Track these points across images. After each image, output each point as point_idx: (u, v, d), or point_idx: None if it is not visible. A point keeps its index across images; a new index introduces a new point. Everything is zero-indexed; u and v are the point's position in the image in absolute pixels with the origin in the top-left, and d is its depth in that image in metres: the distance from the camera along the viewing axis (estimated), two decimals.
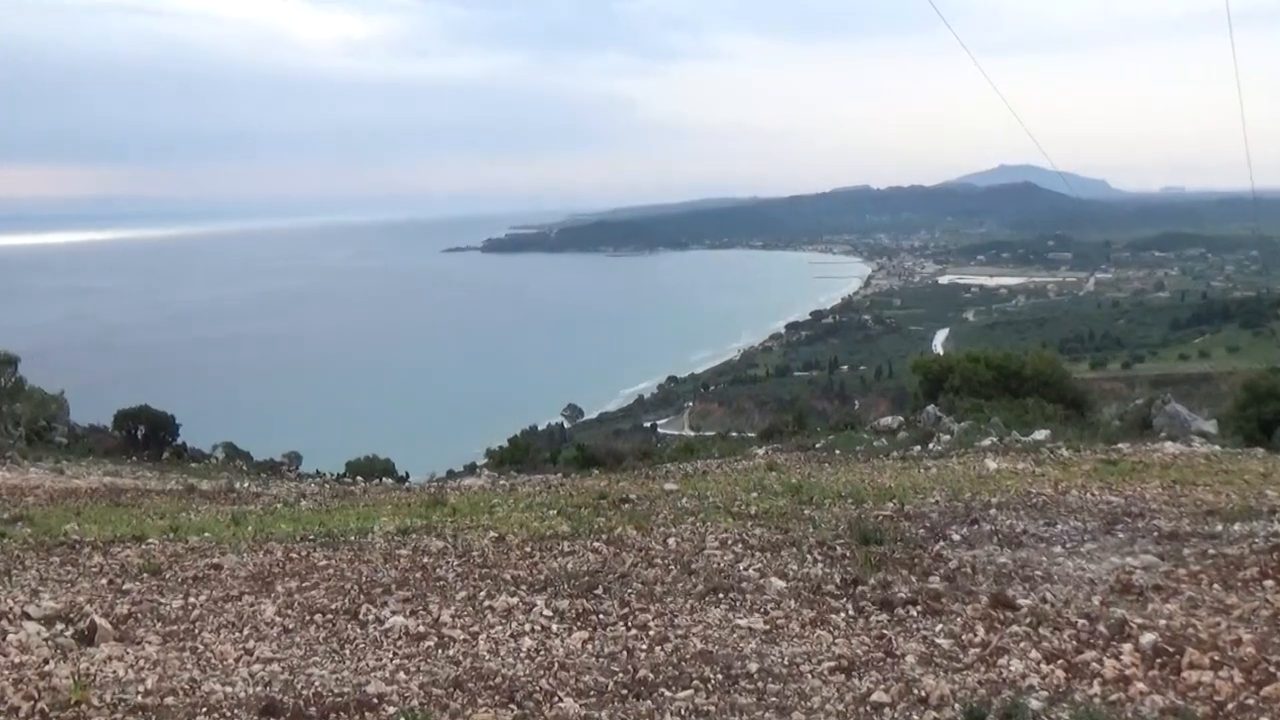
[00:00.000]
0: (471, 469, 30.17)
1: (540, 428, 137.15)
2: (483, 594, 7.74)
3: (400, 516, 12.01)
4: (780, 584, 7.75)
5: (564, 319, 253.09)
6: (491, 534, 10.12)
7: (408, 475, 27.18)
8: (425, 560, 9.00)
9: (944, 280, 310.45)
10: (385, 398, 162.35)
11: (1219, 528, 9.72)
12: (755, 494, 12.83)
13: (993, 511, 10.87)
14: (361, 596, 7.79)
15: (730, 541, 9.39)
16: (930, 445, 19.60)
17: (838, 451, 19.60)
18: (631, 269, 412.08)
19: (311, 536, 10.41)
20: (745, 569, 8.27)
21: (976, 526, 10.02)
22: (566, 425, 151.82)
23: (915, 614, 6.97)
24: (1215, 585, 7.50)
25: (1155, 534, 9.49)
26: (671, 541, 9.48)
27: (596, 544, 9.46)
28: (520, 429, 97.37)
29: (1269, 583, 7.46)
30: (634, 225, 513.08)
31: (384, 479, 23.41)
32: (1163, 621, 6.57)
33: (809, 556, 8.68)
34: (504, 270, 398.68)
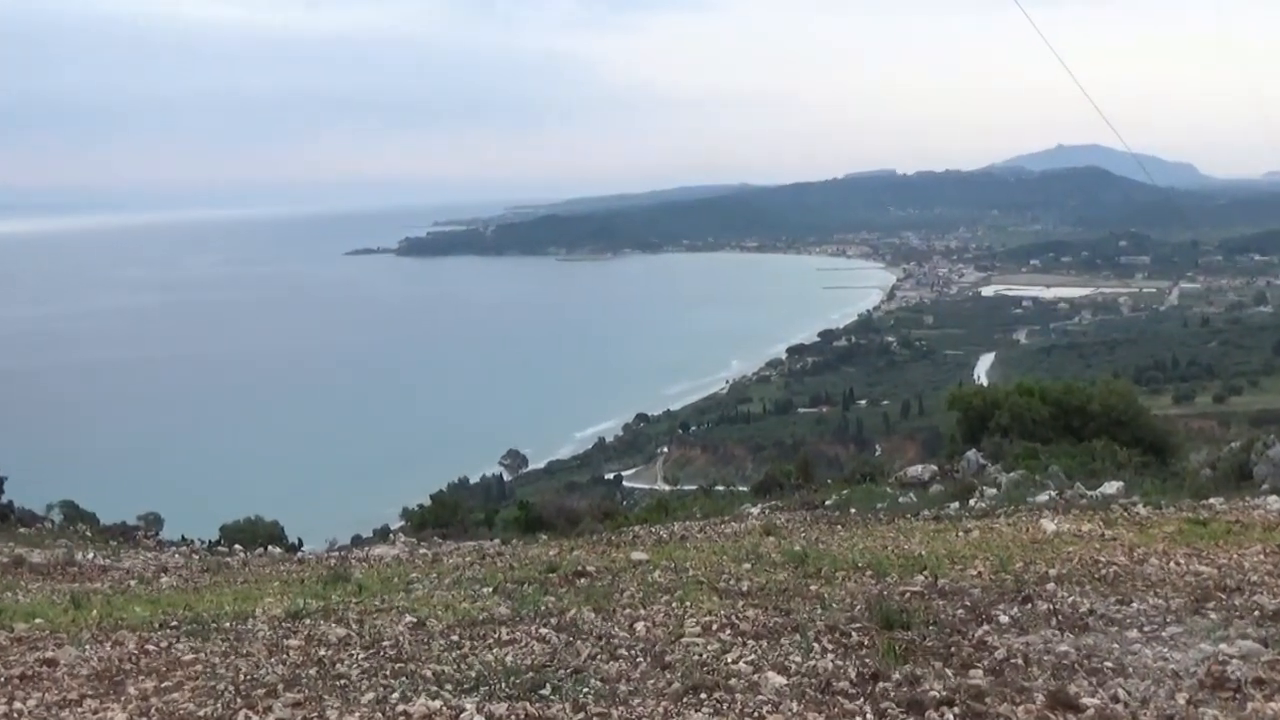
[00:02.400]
0: (384, 534, 30.12)
1: (473, 481, 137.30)
2: (395, 696, 7.69)
3: (290, 596, 11.95)
4: (779, 680, 7.74)
5: (502, 342, 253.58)
6: (408, 618, 10.08)
7: (300, 543, 27.10)
8: (322, 653, 8.95)
9: (988, 292, 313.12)
10: (271, 446, 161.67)
11: None
12: (748, 565, 12.84)
13: (1050, 586, 10.90)
14: (238, 700, 7.72)
15: (716, 626, 9.39)
16: (971, 502, 19.73)
17: (853, 510, 19.69)
18: (589, 276, 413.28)
19: (174, 623, 10.33)
20: (735, 662, 8.26)
21: (1030, 606, 10.06)
22: (506, 477, 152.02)
23: (952, 717, 6.99)
24: None
25: (1256, 613, 9.54)
26: (640, 627, 9.47)
27: (544, 630, 9.44)
28: (447, 482, 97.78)
29: None
30: (592, 220, 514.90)
31: (269, 548, 23.32)
32: None
33: (816, 645, 8.68)
34: (425, 278, 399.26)
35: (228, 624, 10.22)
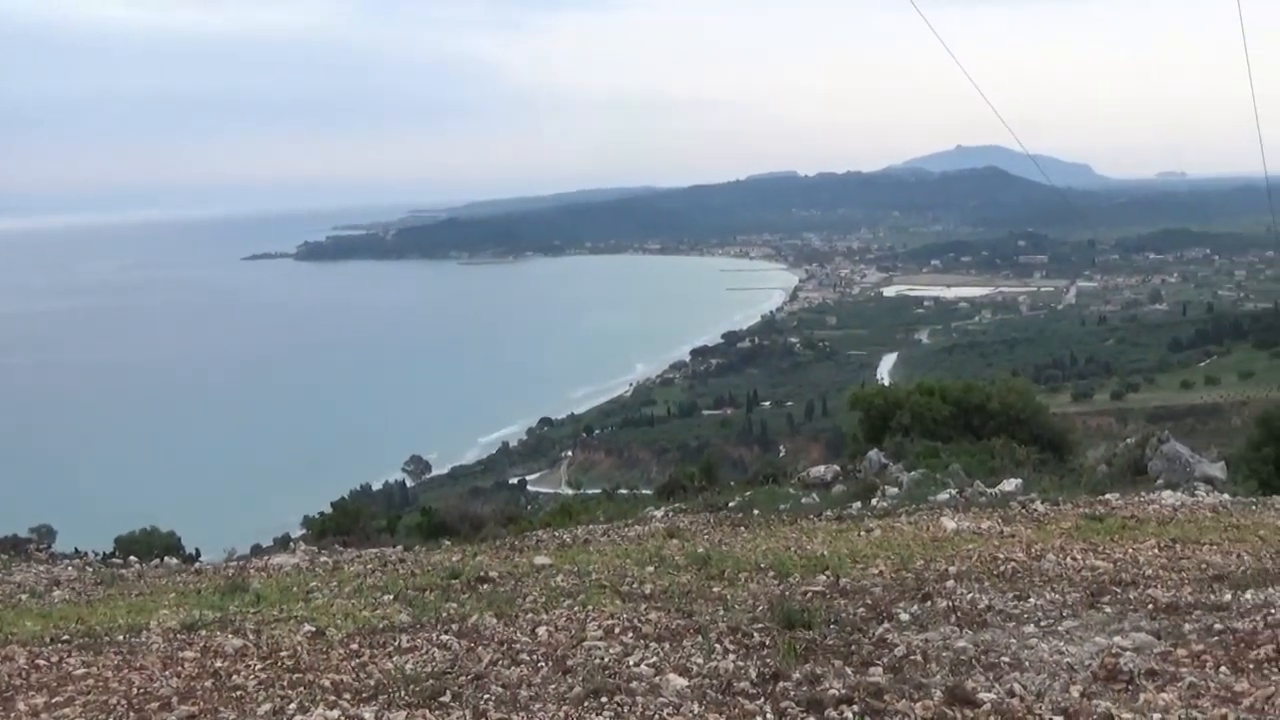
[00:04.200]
0: (284, 543, 29.77)
1: (376, 487, 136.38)
2: (293, 706, 7.62)
3: (186, 608, 11.78)
4: (681, 682, 7.77)
5: (404, 347, 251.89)
6: (307, 628, 9.98)
7: (198, 553, 26.70)
8: (218, 664, 8.84)
9: (890, 292, 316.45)
10: (168, 455, 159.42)
11: (1227, 597, 9.99)
12: (651, 568, 12.85)
13: (950, 584, 11.03)
14: (131, 714, 7.62)
15: (618, 630, 9.40)
16: (873, 501, 19.90)
17: (756, 512, 19.75)
18: (491, 280, 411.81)
19: (66, 637, 10.15)
20: (636, 664, 8.28)
21: (930, 603, 10.16)
22: (409, 484, 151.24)
23: (851, 715, 7.04)
24: (1222, 668, 7.71)
25: (1150, 607, 9.72)
26: (542, 631, 9.46)
27: (445, 637, 9.39)
28: (349, 490, 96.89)
29: None
30: (494, 224, 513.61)
31: (166, 559, 22.92)
32: (1157, 715, 6.74)
33: (718, 646, 8.71)
34: (324, 283, 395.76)
35: (121, 637, 10.06)
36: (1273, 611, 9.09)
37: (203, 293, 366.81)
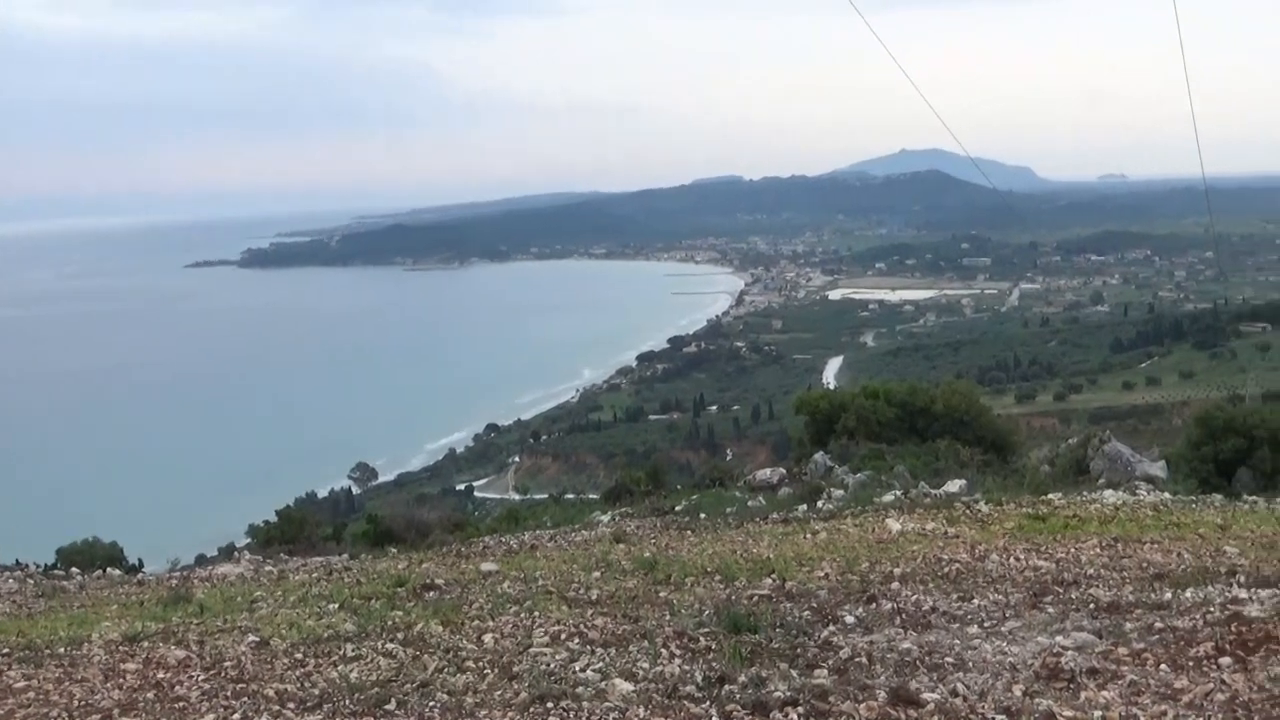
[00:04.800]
0: (228, 553, 29.53)
1: (321, 495, 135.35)
2: (236, 717, 7.58)
3: (129, 619, 11.70)
4: (627, 687, 7.78)
5: (349, 354, 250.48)
6: (251, 637, 9.93)
7: (141, 564, 26.49)
8: (160, 676, 8.78)
9: (835, 295, 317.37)
10: (110, 465, 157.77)
11: (1168, 595, 10.10)
12: (597, 574, 12.87)
13: (895, 585, 11.11)
14: None
15: (564, 636, 9.40)
16: (819, 504, 19.99)
17: (703, 516, 19.81)
18: (437, 286, 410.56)
19: (6, 650, 10.05)
20: (582, 670, 8.28)
21: (875, 605, 10.23)
22: (355, 491, 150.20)
23: (796, 718, 7.07)
24: (1162, 666, 7.80)
25: (1091, 606, 9.82)
26: (488, 639, 9.44)
27: (390, 645, 9.36)
28: (294, 497, 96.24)
29: (1225, 660, 7.79)
30: (439, 230, 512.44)
31: (109, 570, 22.75)
32: (1098, 713, 6.80)
33: (664, 651, 8.73)
34: (268, 290, 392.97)
35: (62, 649, 9.97)
36: (1212, 609, 9.19)
37: (145, 300, 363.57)
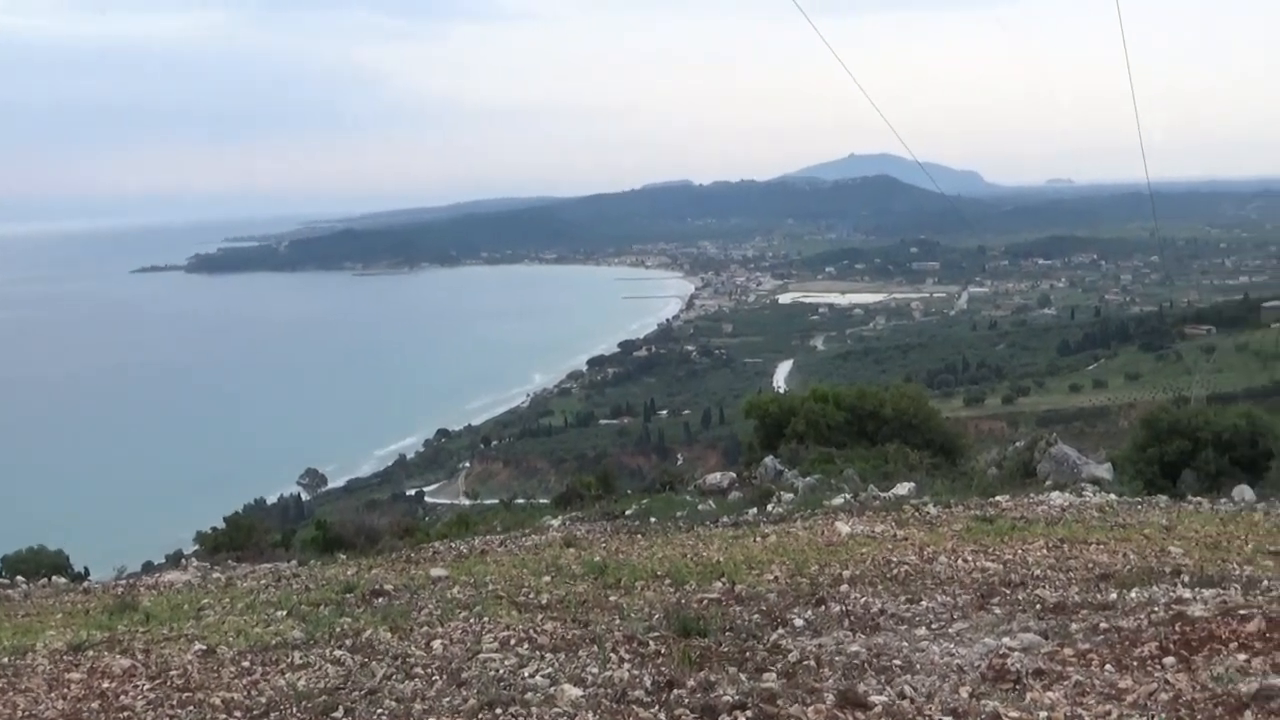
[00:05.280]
0: (176, 560, 29.31)
1: (270, 501, 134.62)
2: None
3: (74, 628, 11.59)
4: (575, 693, 7.77)
5: (299, 360, 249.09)
6: (198, 646, 9.85)
7: (87, 572, 26.22)
8: (105, 685, 8.70)
9: (785, 299, 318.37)
10: (56, 473, 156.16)
11: (1113, 596, 10.19)
12: (548, 578, 12.85)
13: (844, 588, 11.15)
14: None
15: (513, 641, 9.38)
16: (769, 507, 20.01)
17: (653, 520, 19.79)
18: (386, 291, 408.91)
19: None
20: (531, 676, 8.26)
21: (824, 608, 10.26)
22: (305, 497, 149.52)
23: None
24: (1107, 666, 7.86)
25: (1038, 607, 9.90)
26: (437, 645, 9.41)
27: (338, 652, 9.32)
28: (243, 504, 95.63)
29: (1169, 660, 7.86)
30: (389, 235, 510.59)
31: (54, 578, 22.50)
32: (1043, 714, 6.85)
33: (613, 656, 8.72)
34: (216, 295, 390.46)
35: (5, 659, 9.87)
36: (1156, 609, 9.27)
37: (90, 306, 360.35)
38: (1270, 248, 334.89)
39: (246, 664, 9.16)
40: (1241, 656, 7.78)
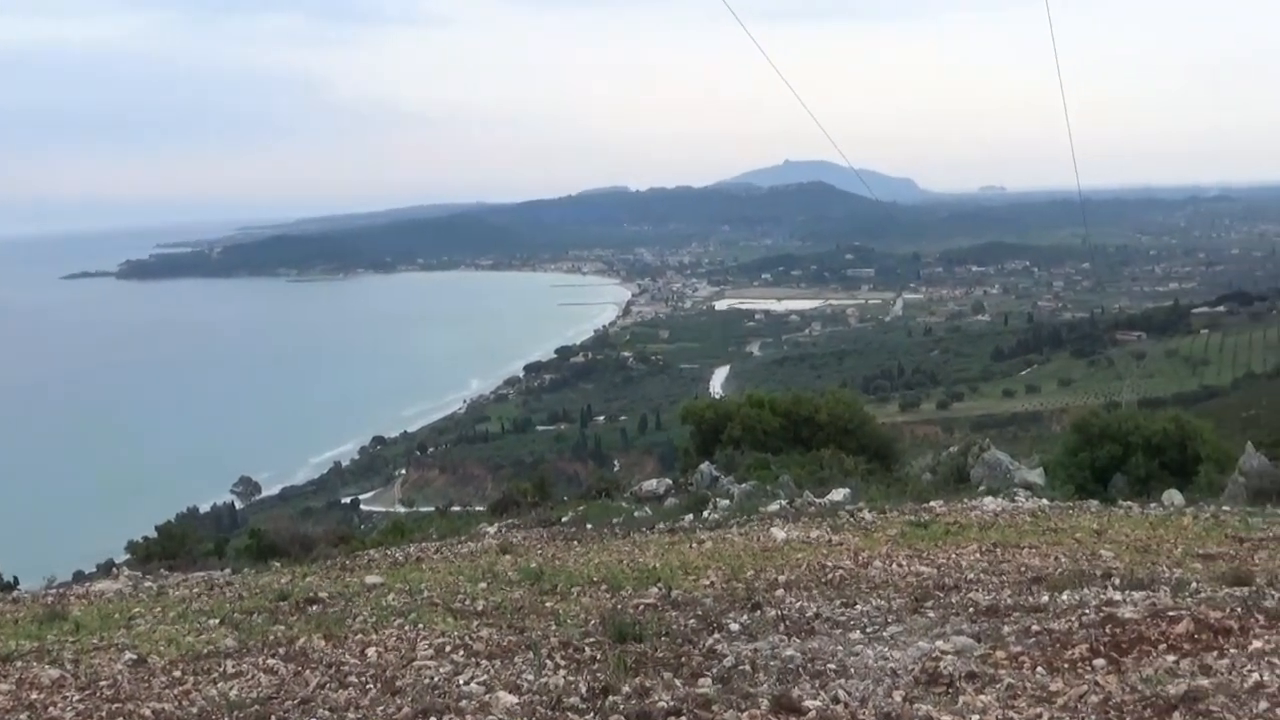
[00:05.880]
0: (107, 569, 28.96)
1: (203, 510, 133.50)
2: None
3: (2, 638, 11.42)
4: (510, 699, 7.75)
5: (232, 367, 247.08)
6: (128, 655, 9.73)
7: (16, 581, 25.87)
8: (33, 697, 8.58)
9: (721, 305, 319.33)
10: None
11: (1045, 599, 10.28)
12: (484, 585, 12.81)
13: (780, 593, 11.18)
14: None
15: (449, 648, 9.34)
16: (705, 513, 20.05)
17: (590, 526, 19.78)
18: (321, 297, 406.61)
19: None
20: (467, 683, 8.23)
21: (759, 613, 10.28)
22: (239, 505, 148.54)
23: None
24: (1038, 669, 7.93)
25: (971, 610, 9.97)
26: (372, 652, 9.36)
27: (271, 661, 9.23)
28: (176, 513, 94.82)
29: (1100, 662, 7.94)
30: (324, 241, 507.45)
31: None
32: (975, 717, 6.91)
33: (549, 662, 8.71)
34: (148, 302, 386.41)
35: None
36: (1087, 612, 9.36)
37: (15, 313, 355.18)
38: (1199, 255, 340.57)
39: (178, 673, 9.06)
40: (1170, 658, 7.89)
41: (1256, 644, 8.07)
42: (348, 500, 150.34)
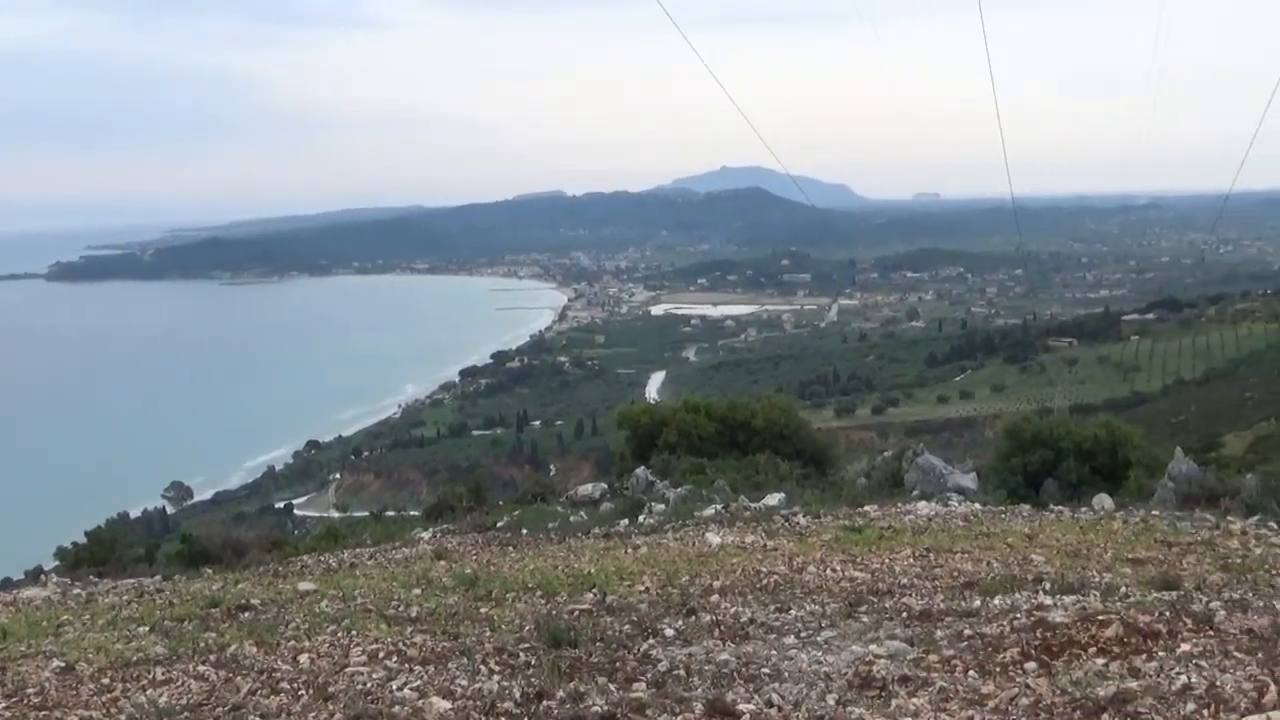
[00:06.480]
0: (35, 576, 28.60)
1: (134, 515, 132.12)
2: None
3: None
4: (444, 705, 7.72)
5: (163, 370, 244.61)
6: (56, 663, 9.61)
7: None
8: None
9: (658, 310, 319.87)
10: None
11: (977, 603, 10.38)
12: (418, 590, 12.74)
13: (714, 598, 11.20)
14: None
15: (382, 654, 9.29)
16: (640, 518, 20.03)
17: (525, 531, 19.72)
18: (255, 300, 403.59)
19: None
20: (400, 689, 8.20)
21: (694, 618, 10.30)
22: (170, 510, 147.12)
23: None
24: (970, 672, 8.01)
25: (904, 615, 10.04)
26: (304, 659, 9.29)
27: (202, 668, 9.15)
28: (105, 519, 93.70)
29: (1030, 665, 8.04)
30: (257, 244, 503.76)
31: None
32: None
33: (483, 668, 8.68)
34: (78, 304, 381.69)
35: None
36: (1018, 616, 9.46)
37: None
38: (1130, 262, 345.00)
39: (106, 681, 8.96)
40: (1100, 661, 7.99)
41: (1184, 647, 8.19)
42: (281, 505, 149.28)
